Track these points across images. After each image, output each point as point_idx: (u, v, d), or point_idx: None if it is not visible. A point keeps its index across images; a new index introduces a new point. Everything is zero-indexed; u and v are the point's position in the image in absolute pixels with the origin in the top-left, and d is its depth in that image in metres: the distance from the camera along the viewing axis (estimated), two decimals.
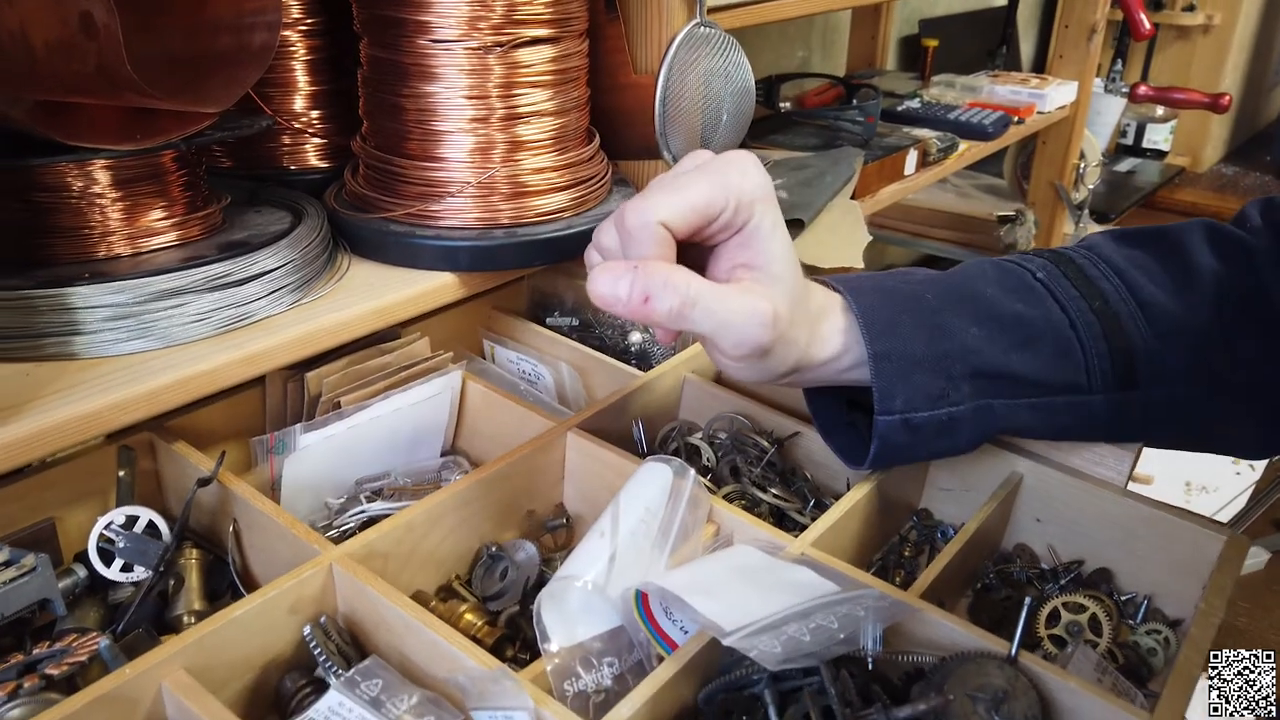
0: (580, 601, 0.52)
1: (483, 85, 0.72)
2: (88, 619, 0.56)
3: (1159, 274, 0.55)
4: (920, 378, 0.52)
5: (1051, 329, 0.53)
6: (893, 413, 0.52)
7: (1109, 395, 0.54)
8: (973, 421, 0.53)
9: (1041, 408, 0.54)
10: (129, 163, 0.64)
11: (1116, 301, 0.54)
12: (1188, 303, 0.54)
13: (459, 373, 0.72)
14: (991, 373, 0.52)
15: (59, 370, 0.57)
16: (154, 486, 0.65)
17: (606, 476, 0.66)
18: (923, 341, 0.52)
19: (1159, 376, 0.54)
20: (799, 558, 0.57)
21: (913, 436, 0.53)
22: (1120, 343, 0.53)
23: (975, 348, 0.52)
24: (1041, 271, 0.56)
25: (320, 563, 0.54)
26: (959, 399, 0.53)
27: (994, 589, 0.66)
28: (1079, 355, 0.53)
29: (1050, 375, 0.53)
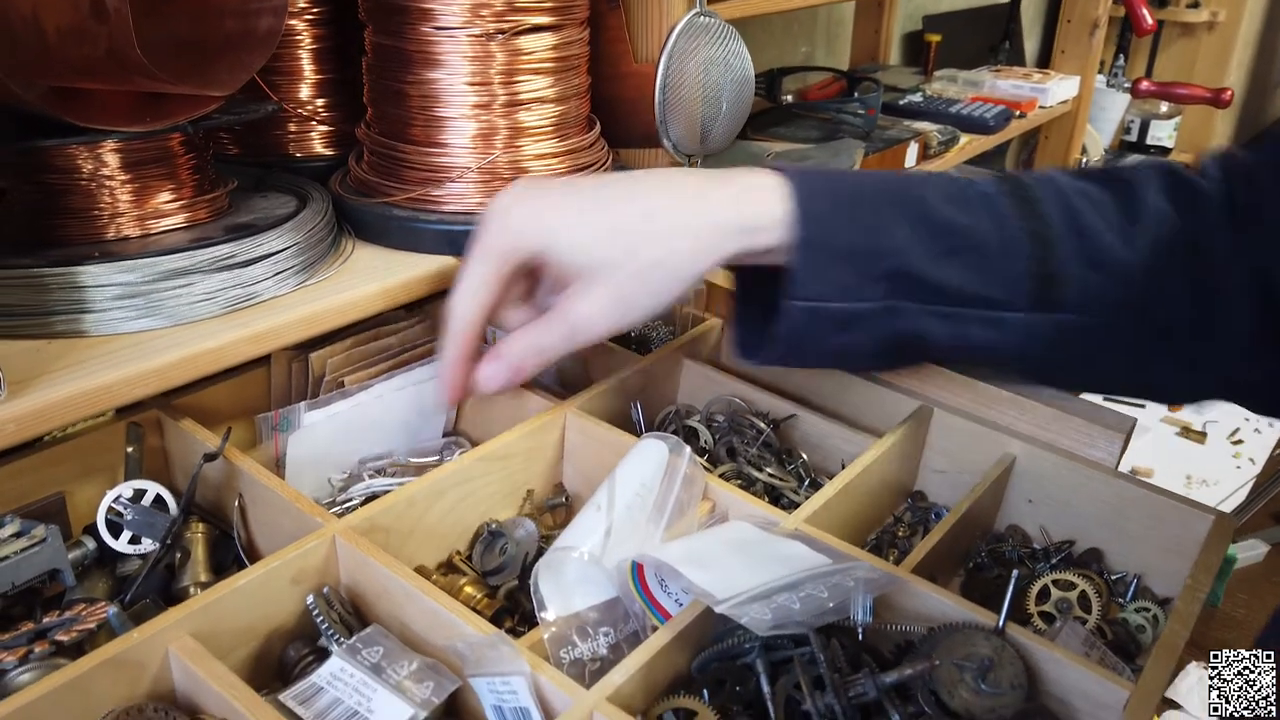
0: (577, 572, 0.53)
1: (485, 72, 0.73)
2: (96, 590, 0.58)
3: (1106, 205, 0.54)
4: (838, 268, 0.52)
5: (980, 243, 0.53)
6: (802, 299, 0.52)
7: (1026, 315, 0.53)
8: (877, 319, 0.53)
9: (952, 317, 0.53)
10: (138, 146, 0.65)
11: (1053, 223, 0.53)
12: (1125, 236, 0.53)
13: None
14: (911, 275, 0.52)
15: (69, 347, 0.58)
16: (161, 463, 0.66)
17: (605, 456, 0.67)
18: (850, 233, 0.53)
19: (1080, 303, 0.53)
20: (792, 533, 0.58)
21: (815, 325, 0.53)
22: (1047, 265, 0.53)
23: (900, 249, 0.52)
24: (988, 187, 0.56)
25: (323, 534, 0.55)
26: (872, 295, 0.53)
27: (986, 568, 0.67)
28: (1002, 272, 0.53)
29: (969, 286, 0.53)
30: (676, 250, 0.54)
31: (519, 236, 0.55)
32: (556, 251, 0.55)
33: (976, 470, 0.70)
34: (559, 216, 0.55)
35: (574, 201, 0.56)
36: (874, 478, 0.67)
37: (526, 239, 0.55)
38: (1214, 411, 1.82)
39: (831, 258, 0.52)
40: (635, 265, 0.54)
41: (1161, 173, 0.57)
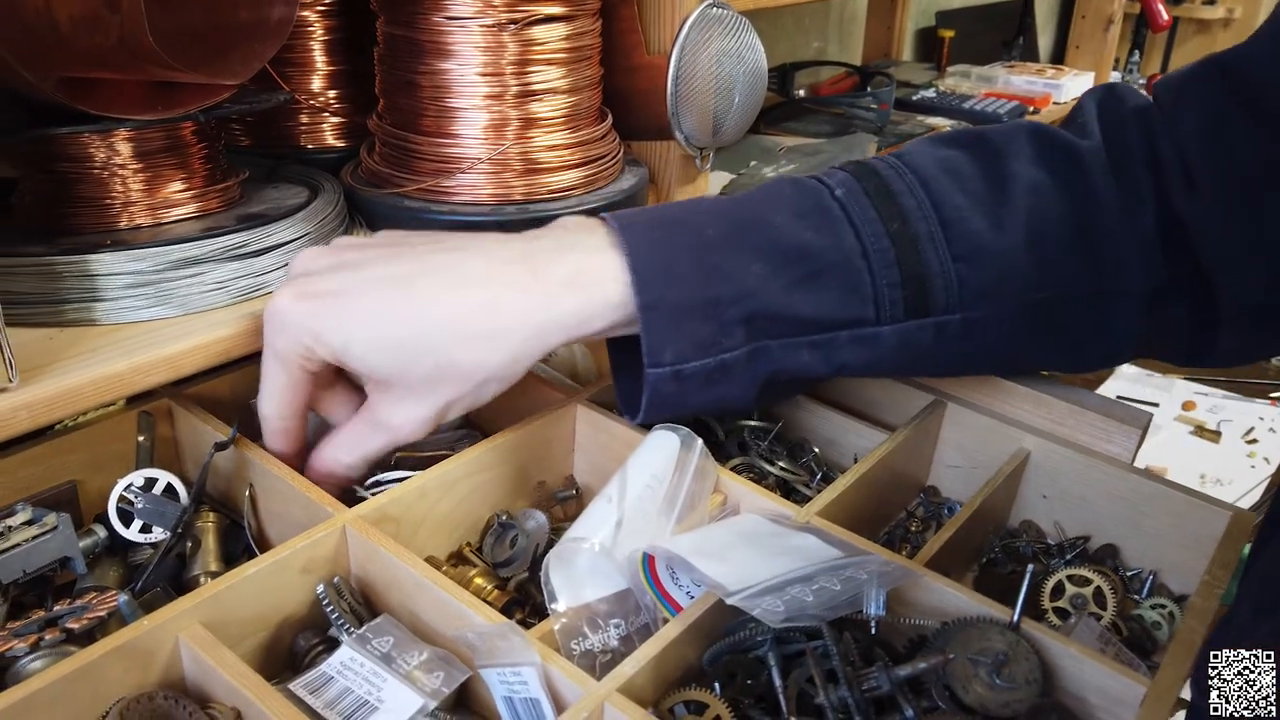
0: (588, 563, 0.53)
1: (497, 62, 0.73)
2: (107, 578, 0.58)
3: (973, 181, 0.51)
4: (691, 325, 0.49)
5: (840, 260, 0.49)
6: (662, 365, 0.49)
7: (898, 326, 0.50)
8: (746, 366, 0.50)
9: (822, 344, 0.50)
10: (150, 135, 0.65)
11: (916, 219, 0.50)
12: (996, 218, 0.50)
13: None
14: (769, 314, 0.49)
15: (80, 335, 0.58)
16: (172, 452, 0.66)
17: (616, 449, 0.67)
18: (696, 285, 0.49)
19: (958, 301, 0.50)
20: (804, 526, 0.57)
21: (682, 386, 0.50)
22: (914, 269, 0.49)
23: (753, 289, 0.49)
24: (841, 189, 0.51)
25: (334, 524, 0.55)
26: (732, 344, 0.49)
27: (1000, 563, 0.67)
28: (868, 288, 0.49)
29: (834, 311, 0.49)
30: (489, 358, 0.51)
31: (307, 343, 0.52)
32: (349, 360, 0.52)
33: (990, 465, 0.70)
34: (346, 323, 0.51)
35: (362, 303, 0.51)
36: (886, 472, 0.67)
37: (315, 347, 0.52)
38: (1228, 411, 1.81)
39: (680, 316, 0.49)
40: (445, 375, 0.51)
41: (1031, 134, 0.53)
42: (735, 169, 1.19)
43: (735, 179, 1.17)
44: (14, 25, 0.63)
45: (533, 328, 0.51)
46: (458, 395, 0.52)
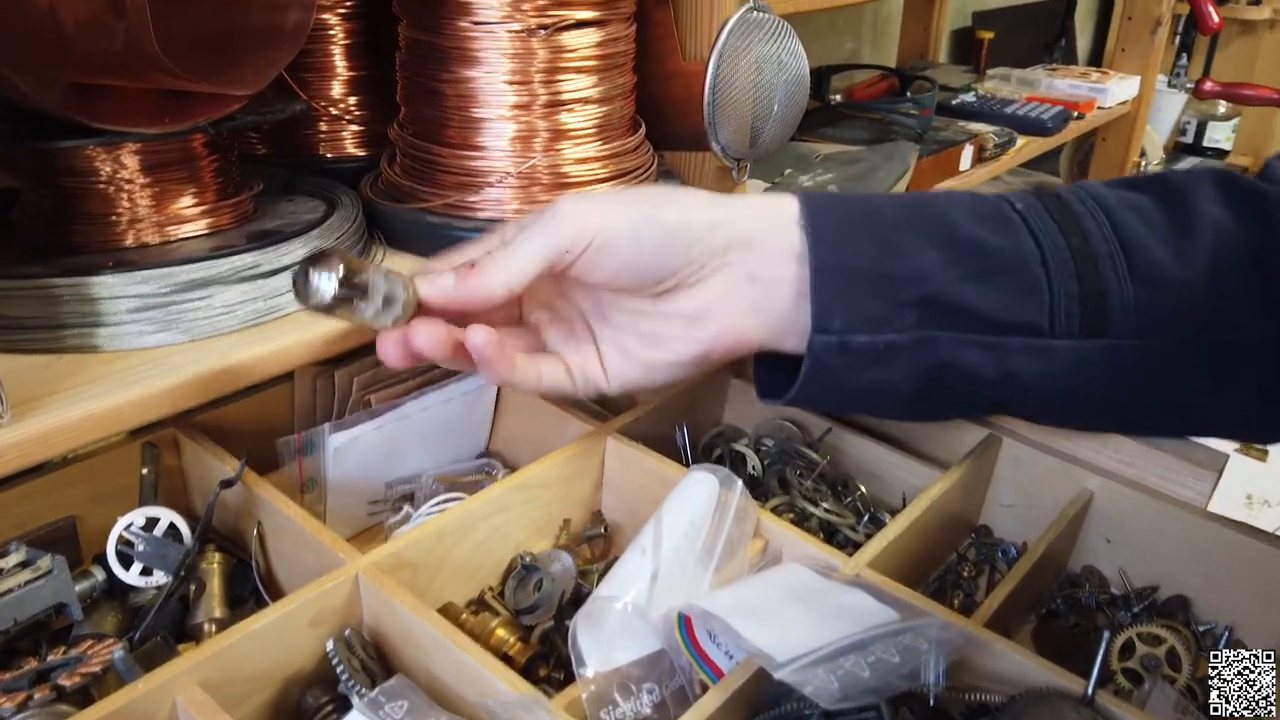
0: (619, 623, 0.49)
1: (525, 70, 0.69)
2: (105, 623, 0.54)
3: (1154, 216, 0.49)
4: (863, 297, 0.47)
5: (1017, 262, 0.48)
6: (830, 332, 0.46)
7: (1073, 342, 0.47)
8: (912, 353, 0.47)
9: (993, 347, 0.47)
10: (159, 147, 0.61)
11: (1098, 240, 0.48)
12: (1179, 250, 0.48)
13: None
14: (942, 302, 0.47)
15: (79, 363, 0.54)
16: (179, 483, 0.62)
17: (648, 485, 0.63)
18: (871, 257, 0.47)
19: (1134, 327, 0.47)
20: (853, 579, 0.53)
21: (847, 361, 0.47)
22: (1094, 285, 0.47)
23: (928, 272, 0.47)
24: (1021, 203, 0.50)
25: (345, 573, 0.51)
26: (903, 325, 0.47)
27: (1061, 615, 0.62)
28: (1044, 294, 0.47)
29: (1008, 313, 0.47)
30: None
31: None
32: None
33: (1047, 505, 0.65)
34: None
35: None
36: (939, 513, 0.62)
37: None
38: None
39: (854, 285, 0.47)
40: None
41: (1216, 179, 0.51)
42: (770, 178, 1.15)
43: (770, 188, 1.13)
44: (19, 28, 0.60)
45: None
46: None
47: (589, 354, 0.52)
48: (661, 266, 0.49)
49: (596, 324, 0.53)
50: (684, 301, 0.49)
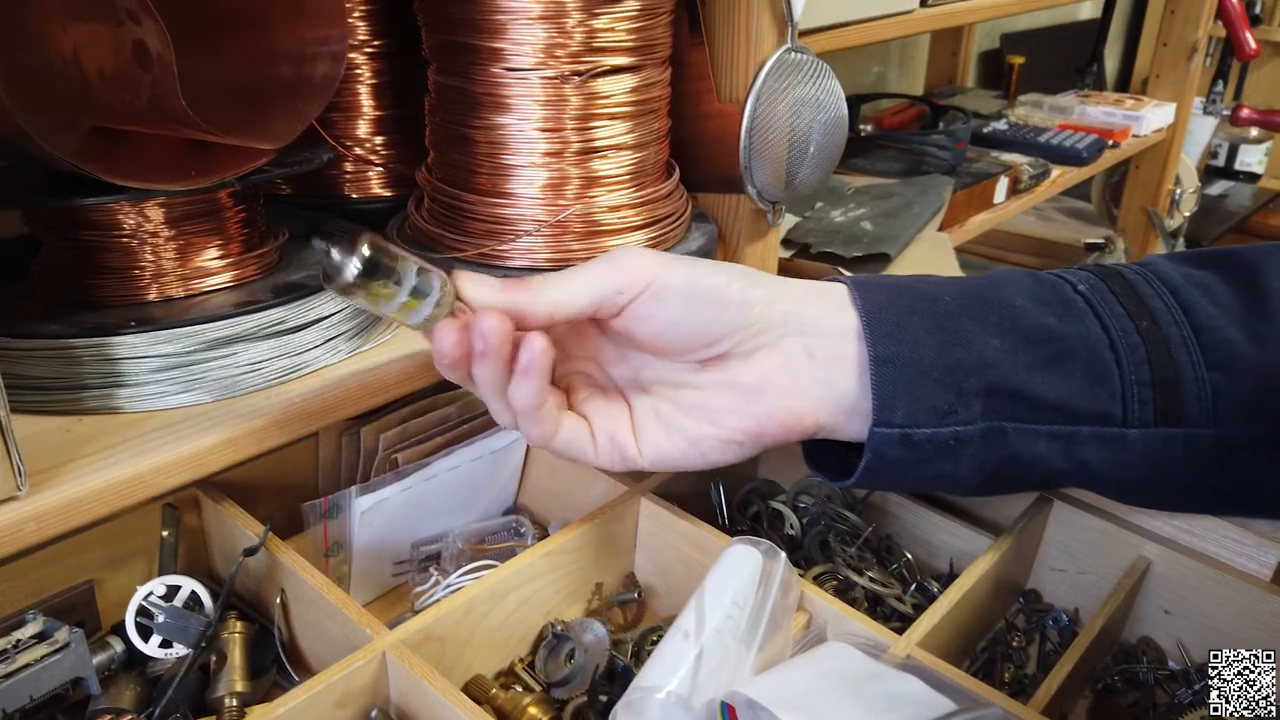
0: (661, 714, 0.46)
1: (558, 117, 0.67)
2: (124, 697, 0.52)
3: (1225, 296, 0.47)
4: (927, 389, 0.45)
5: (1086, 348, 0.45)
6: (891, 425, 0.44)
7: (1147, 431, 0.45)
8: (980, 445, 0.45)
9: (1063, 437, 0.45)
10: (183, 200, 0.60)
11: (1168, 324, 0.46)
12: (1255, 332, 0.45)
13: None
14: (1009, 391, 0.45)
15: (101, 426, 0.53)
16: (199, 543, 0.61)
17: (682, 548, 0.61)
18: (934, 348, 0.45)
19: (1211, 415, 0.45)
20: (904, 662, 0.50)
21: (910, 454, 0.45)
22: (1167, 371, 0.45)
23: (993, 361, 0.45)
24: (1084, 284, 0.48)
25: (372, 650, 0.49)
26: (968, 417, 0.45)
27: (1118, 692, 0.59)
28: (1115, 381, 0.45)
29: (1078, 401, 0.45)
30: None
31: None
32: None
33: (1102, 572, 0.62)
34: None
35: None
36: (989, 582, 0.59)
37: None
38: None
39: (916, 375, 0.45)
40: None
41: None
42: (800, 211, 1.13)
43: (801, 221, 1.10)
44: (41, 75, 0.59)
45: None
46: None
47: (620, 420, 0.50)
48: (715, 327, 0.46)
49: (632, 392, 0.51)
50: (737, 372, 0.47)
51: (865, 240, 1.01)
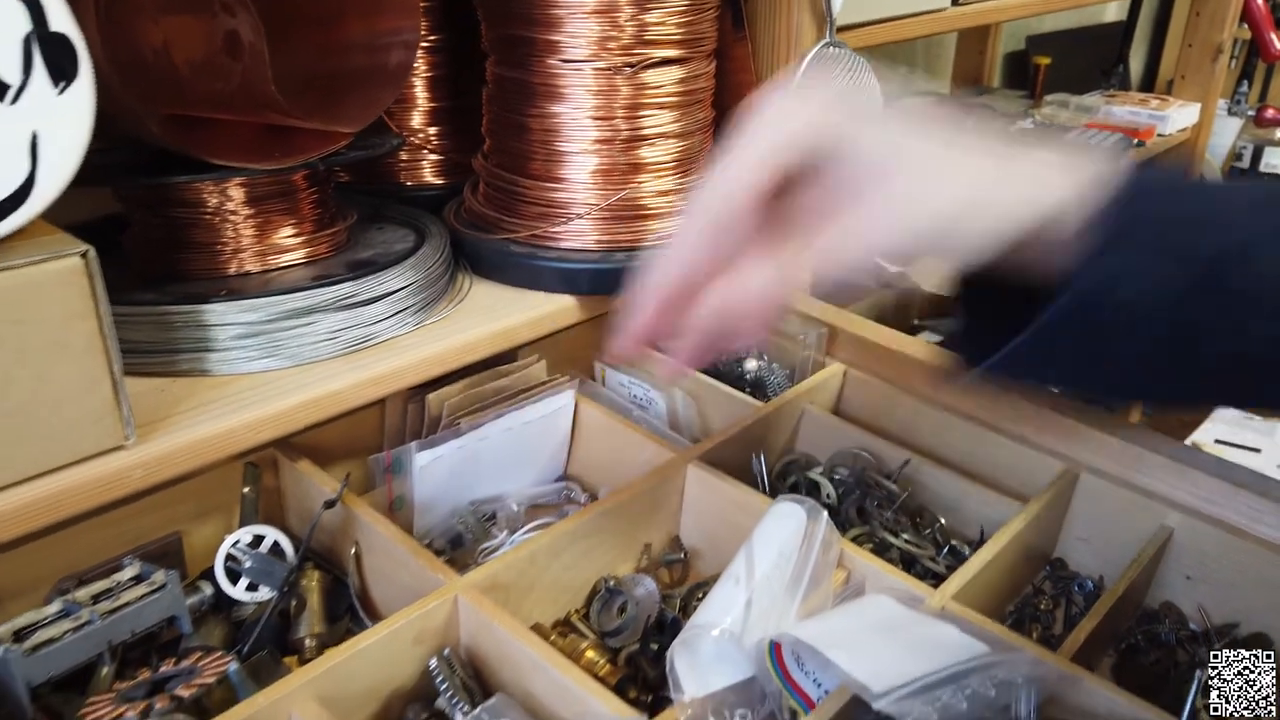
0: (714, 650, 0.50)
1: (609, 106, 0.71)
2: (212, 637, 0.56)
3: None
4: (1145, 244, 0.37)
5: None
6: (1093, 282, 0.36)
7: None
8: (1190, 319, 0.37)
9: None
10: (262, 180, 0.64)
11: None
12: None
13: (571, 391, 0.71)
14: (1245, 258, 0.37)
15: (193, 387, 0.57)
16: (275, 503, 0.65)
17: (727, 511, 0.64)
18: (1161, 200, 0.37)
19: None
20: (940, 612, 0.54)
21: (1101, 319, 0.37)
22: None
23: (1231, 221, 0.37)
24: None
25: (445, 594, 0.52)
26: (1182, 282, 0.36)
27: (1141, 651, 0.62)
28: None
29: None
30: (979, 192, 0.38)
31: (805, 128, 0.39)
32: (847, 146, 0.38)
33: (1125, 540, 0.65)
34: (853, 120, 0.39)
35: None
36: (1017, 547, 0.62)
37: (814, 133, 0.38)
38: None
39: (1136, 227, 0.36)
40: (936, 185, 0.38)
41: None
42: None
43: None
44: (131, 66, 0.63)
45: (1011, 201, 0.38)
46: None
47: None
48: None
49: None
50: None
51: None
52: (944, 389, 0.44)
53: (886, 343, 0.77)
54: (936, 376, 0.44)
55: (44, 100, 0.42)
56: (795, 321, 0.80)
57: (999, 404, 0.70)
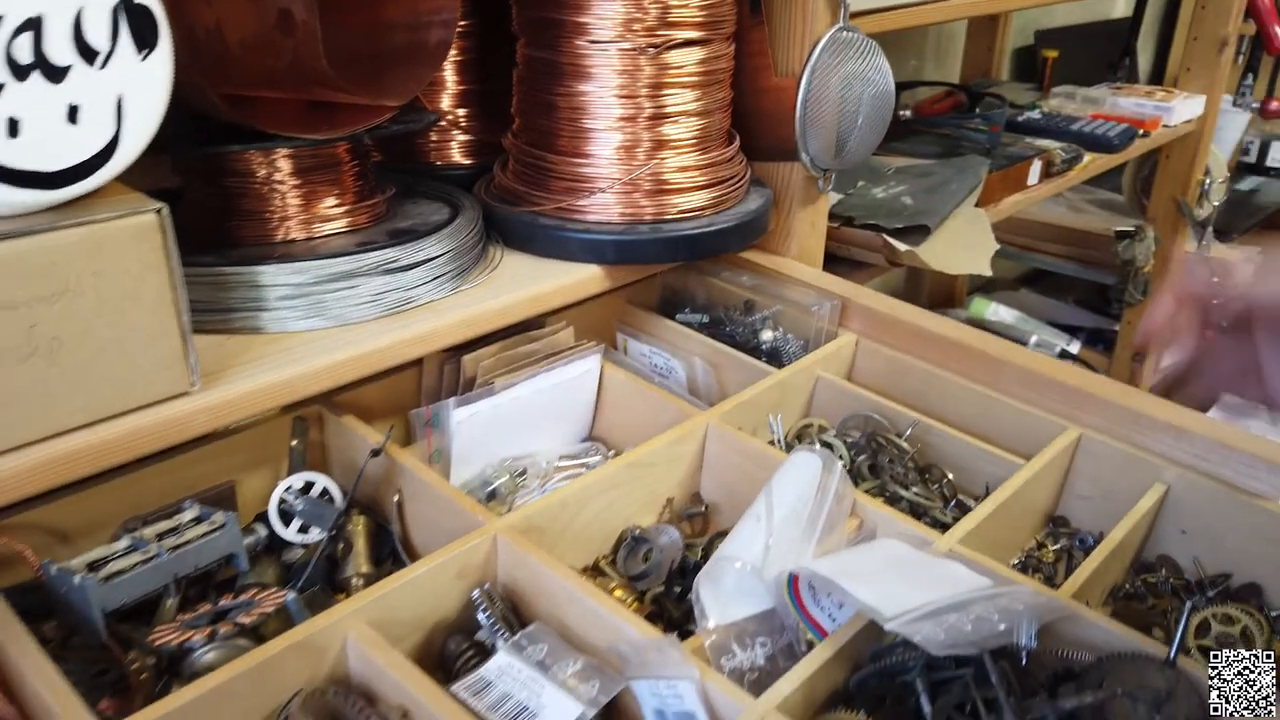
0: (736, 582, 0.54)
1: (633, 85, 0.74)
2: (265, 576, 0.60)
3: None
4: None
5: None
6: None
7: None
8: None
9: None
10: (308, 153, 0.68)
11: None
12: None
13: (598, 355, 0.75)
14: None
15: (247, 343, 0.61)
16: (320, 456, 0.69)
17: (745, 467, 0.68)
18: None
19: None
20: (948, 554, 0.57)
21: None
22: None
23: None
24: None
25: (486, 532, 0.56)
26: None
27: (1138, 597, 0.65)
28: None
29: None
30: None
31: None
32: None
33: (1124, 497, 0.69)
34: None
35: None
36: (1021, 501, 0.66)
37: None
38: None
39: None
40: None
41: None
42: (844, 190, 1.19)
43: (844, 198, 1.17)
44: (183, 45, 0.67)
45: None
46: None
47: None
48: None
49: None
50: None
51: (906, 213, 1.07)
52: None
53: (897, 314, 0.80)
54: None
55: (129, 66, 0.46)
56: (810, 293, 0.84)
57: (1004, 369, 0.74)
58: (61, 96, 0.44)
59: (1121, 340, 2.02)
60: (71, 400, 0.49)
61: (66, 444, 0.50)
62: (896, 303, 0.82)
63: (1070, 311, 2.28)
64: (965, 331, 0.78)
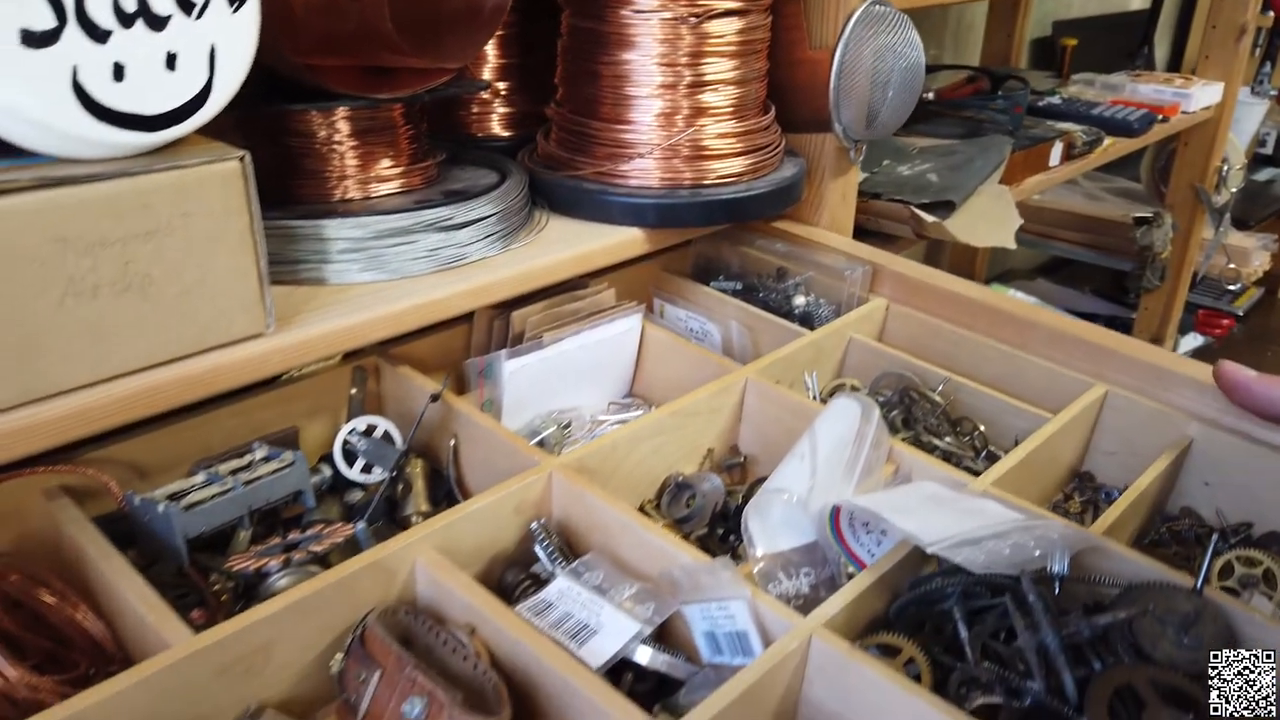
0: (782, 514, 0.56)
1: (674, 54, 0.77)
2: (330, 513, 0.63)
3: None
4: None
5: None
6: None
7: None
8: None
9: None
10: (365, 115, 0.71)
11: None
12: None
13: (639, 314, 0.78)
14: None
15: (313, 293, 0.64)
16: (377, 405, 0.72)
17: (783, 418, 0.70)
18: None
19: None
20: (982, 494, 0.60)
21: None
22: None
23: None
24: None
25: (541, 470, 0.59)
26: None
27: (1163, 544, 0.68)
28: None
29: None
30: None
31: None
32: None
33: (1148, 452, 0.71)
34: None
35: None
36: (1048, 454, 0.69)
37: None
38: None
39: None
40: None
41: None
42: (869, 168, 1.22)
43: (870, 177, 1.20)
44: None
45: None
46: None
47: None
48: None
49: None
50: None
51: (932, 190, 1.10)
52: None
53: (927, 279, 0.83)
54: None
55: (221, 16, 0.49)
56: (841, 259, 0.87)
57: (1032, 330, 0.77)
58: (162, 44, 0.47)
59: (1137, 328, 2.04)
60: (162, 335, 0.53)
61: (155, 377, 0.53)
62: (926, 269, 0.85)
63: (1087, 300, 2.31)
64: (993, 295, 0.80)
